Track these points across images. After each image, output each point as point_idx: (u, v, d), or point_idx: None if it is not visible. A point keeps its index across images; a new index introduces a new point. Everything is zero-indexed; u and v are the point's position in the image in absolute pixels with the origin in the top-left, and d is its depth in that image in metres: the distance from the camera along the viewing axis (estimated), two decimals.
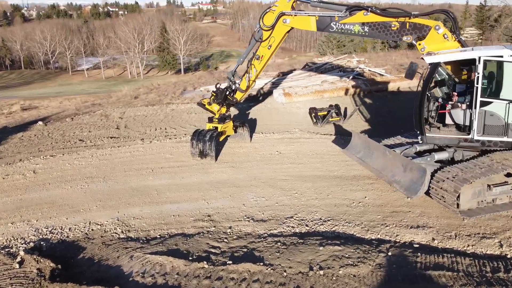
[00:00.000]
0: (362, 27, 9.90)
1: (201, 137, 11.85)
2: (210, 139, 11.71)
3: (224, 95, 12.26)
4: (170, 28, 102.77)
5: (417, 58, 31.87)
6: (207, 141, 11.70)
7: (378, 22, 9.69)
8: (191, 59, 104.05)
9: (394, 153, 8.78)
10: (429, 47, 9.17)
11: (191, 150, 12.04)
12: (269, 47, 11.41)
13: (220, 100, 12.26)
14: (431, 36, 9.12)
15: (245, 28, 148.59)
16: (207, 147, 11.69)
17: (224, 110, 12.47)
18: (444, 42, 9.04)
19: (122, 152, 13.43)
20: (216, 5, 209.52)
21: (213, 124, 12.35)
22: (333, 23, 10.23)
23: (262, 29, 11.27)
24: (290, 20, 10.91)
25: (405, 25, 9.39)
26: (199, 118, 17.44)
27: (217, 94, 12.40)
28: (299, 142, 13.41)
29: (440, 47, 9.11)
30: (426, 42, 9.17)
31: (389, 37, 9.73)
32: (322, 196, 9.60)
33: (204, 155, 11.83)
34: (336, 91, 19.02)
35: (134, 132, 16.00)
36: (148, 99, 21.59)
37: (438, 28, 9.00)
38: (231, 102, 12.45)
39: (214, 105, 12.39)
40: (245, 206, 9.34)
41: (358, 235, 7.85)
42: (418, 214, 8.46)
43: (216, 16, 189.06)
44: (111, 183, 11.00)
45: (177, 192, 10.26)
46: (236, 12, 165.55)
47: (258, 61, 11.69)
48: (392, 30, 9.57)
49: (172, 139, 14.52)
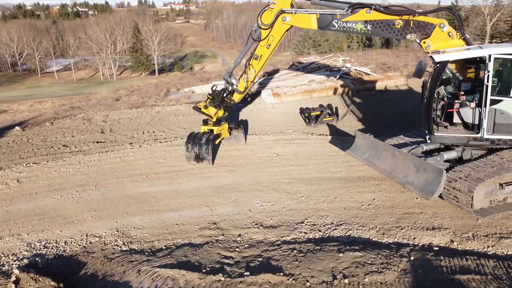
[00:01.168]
0: (365, 25, 9.68)
1: (197, 141, 11.38)
2: (206, 142, 11.26)
3: (221, 98, 11.82)
4: (143, 28, 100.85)
5: (396, 57, 32.34)
6: (203, 145, 11.24)
7: (382, 20, 9.49)
8: (165, 59, 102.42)
9: (404, 154, 8.59)
10: (434, 46, 9.03)
11: (186, 154, 11.56)
12: (268, 47, 11.06)
13: (217, 102, 11.81)
14: (436, 34, 8.98)
15: (218, 28, 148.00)
16: (204, 151, 11.23)
17: (222, 113, 12.04)
18: (448, 40, 8.92)
19: (111, 157, 12.79)
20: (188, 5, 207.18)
21: (208, 127, 11.89)
22: (334, 21, 9.97)
23: (260, 27, 10.91)
24: (290, 18, 10.58)
25: (409, 23, 9.22)
26: (187, 120, 16.94)
27: (213, 97, 11.94)
28: (296, 143, 13.11)
29: (445, 46, 8.98)
30: (431, 40, 9.02)
31: (393, 35, 9.55)
32: (329, 199, 9.32)
33: (200, 159, 11.37)
34: (324, 90, 18.86)
35: (121, 136, 15.33)
36: (131, 101, 20.85)
37: (443, 26, 8.87)
38: (228, 104, 12.04)
39: (210, 108, 11.92)
40: (251, 212, 8.95)
41: (375, 239, 7.60)
42: (431, 215, 8.30)
43: (189, 16, 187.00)
44: (104, 191, 10.39)
45: (177, 199, 9.77)
46: (209, 12, 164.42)
47: (257, 61, 11.32)
48: (396, 28, 9.39)
49: (163, 143, 13.95)
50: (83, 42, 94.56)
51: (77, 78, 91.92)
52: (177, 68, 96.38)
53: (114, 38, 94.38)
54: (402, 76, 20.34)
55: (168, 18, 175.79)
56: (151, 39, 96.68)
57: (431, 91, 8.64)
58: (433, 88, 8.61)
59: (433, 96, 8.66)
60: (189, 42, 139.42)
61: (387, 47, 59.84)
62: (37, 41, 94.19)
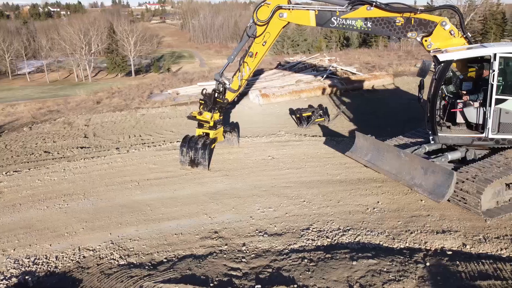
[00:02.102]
0: (365, 23, 9.45)
1: (193, 145, 10.93)
2: (203, 147, 10.82)
3: (213, 99, 11.39)
4: (118, 28, 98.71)
5: (378, 56, 32.54)
6: (199, 149, 10.80)
7: (382, 18, 9.27)
8: (141, 60, 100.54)
9: (410, 155, 8.39)
10: (436, 44, 8.88)
11: (180, 158, 11.09)
12: (263, 44, 10.68)
13: (210, 105, 11.36)
14: (438, 33, 8.83)
15: (195, 29, 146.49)
16: (200, 156, 10.80)
17: (218, 116, 11.60)
18: (450, 39, 8.78)
19: (98, 163, 12.18)
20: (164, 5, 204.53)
21: (204, 130, 11.45)
22: (334, 18, 9.70)
23: (256, 24, 10.52)
24: (287, 15, 10.25)
25: (410, 21, 9.04)
26: (174, 123, 16.43)
27: (205, 102, 11.48)
28: (290, 146, 12.81)
29: (446, 44, 8.84)
30: (433, 38, 8.85)
31: (393, 33, 9.35)
32: (332, 203, 9.04)
33: (196, 163, 10.93)
34: (313, 90, 18.65)
35: (106, 140, 14.70)
36: (113, 104, 20.13)
37: (445, 24, 8.72)
38: (222, 105, 11.58)
39: (205, 114, 11.46)
40: (253, 219, 8.57)
41: (386, 244, 7.36)
42: (439, 218, 8.12)
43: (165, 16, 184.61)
44: (94, 200, 9.82)
45: (173, 207, 9.30)
46: (185, 12, 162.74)
47: (252, 58, 10.93)
48: (397, 26, 9.20)
49: (152, 147, 13.42)
50: (56, 43, 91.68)
51: (50, 80, 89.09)
52: (154, 69, 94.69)
53: (89, 39, 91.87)
54: (389, 75, 20.35)
55: (144, 18, 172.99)
56: (127, 40, 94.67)
57: (435, 91, 8.47)
58: (437, 88, 8.45)
59: (437, 96, 8.49)
60: (166, 42, 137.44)
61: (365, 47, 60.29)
62: (7, 42, 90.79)
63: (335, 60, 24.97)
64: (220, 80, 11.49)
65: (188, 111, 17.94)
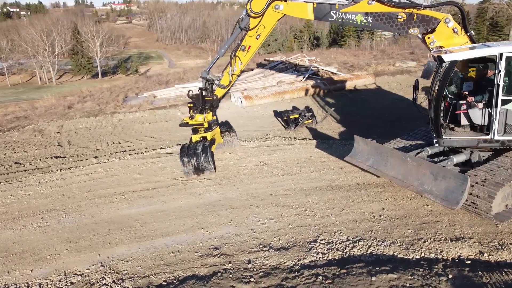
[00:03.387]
0: (366, 18, 9.05)
1: (192, 151, 10.21)
2: (203, 150, 10.13)
3: (202, 98, 10.66)
4: (82, 29, 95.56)
5: (354, 56, 32.55)
6: (200, 154, 10.10)
7: (383, 13, 8.89)
8: (108, 61, 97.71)
9: (417, 160, 8.04)
10: (438, 42, 8.59)
11: (183, 170, 10.34)
12: (257, 37, 10.07)
13: (200, 105, 10.66)
14: (440, 30, 8.54)
15: (163, 29, 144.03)
16: (203, 161, 10.08)
17: (211, 116, 10.89)
18: (453, 37, 8.51)
19: (76, 174, 11.30)
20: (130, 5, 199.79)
21: (200, 135, 10.71)
22: (333, 11, 9.24)
23: (249, 16, 9.89)
24: (284, 7, 9.71)
25: (413, 17, 8.70)
26: (154, 128, 15.63)
27: (194, 104, 10.79)
28: (281, 150, 12.31)
29: (449, 42, 8.57)
30: (436, 36, 8.55)
31: (395, 29, 8.99)
32: (336, 211, 8.60)
33: (201, 170, 10.21)
34: (296, 91, 18.25)
35: (82, 149, 13.76)
36: (86, 109, 19.03)
37: (448, 21, 8.43)
38: (212, 102, 10.82)
39: (197, 116, 10.77)
40: (254, 232, 8.01)
41: (400, 255, 6.97)
42: (449, 224, 7.82)
43: (131, 16, 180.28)
44: (77, 217, 8.99)
45: (166, 221, 8.60)
46: (152, 13, 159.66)
47: (244, 52, 10.29)
48: (398, 22, 8.85)
49: (134, 155, 12.60)
50: (17, 44, 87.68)
51: (11, 83, 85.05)
52: (122, 71, 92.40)
53: (52, 40, 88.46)
54: (370, 75, 20.22)
55: (109, 18, 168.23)
56: (92, 41, 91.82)
57: (439, 92, 8.16)
58: (442, 89, 8.14)
59: (441, 98, 8.19)
60: (133, 43, 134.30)
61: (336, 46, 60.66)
62: None
63: (316, 60, 24.72)
64: (207, 77, 10.79)
65: (168, 115, 17.23)
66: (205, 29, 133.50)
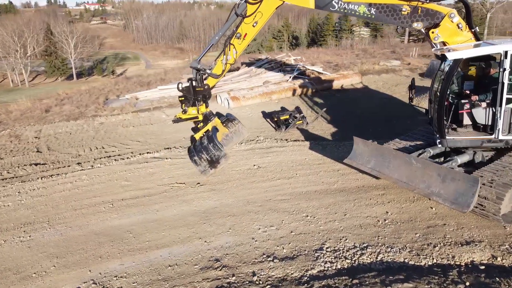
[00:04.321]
0: (369, 9, 8.72)
1: (200, 147, 9.69)
2: (209, 140, 9.61)
3: (192, 90, 10.09)
4: (56, 29, 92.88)
5: (337, 55, 32.48)
6: (208, 145, 9.57)
7: (387, 4, 8.58)
8: (83, 63, 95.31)
9: (423, 161, 7.78)
10: (443, 37, 8.35)
11: (198, 169, 9.79)
12: (254, 25, 9.57)
13: (192, 97, 10.10)
14: (445, 25, 8.30)
15: (139, 29, 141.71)
16: (213, 150, 9.54)
17: (204, 107, 10.34)
18: (457, 33, 8.29)
19: (59, 183, 10.64)
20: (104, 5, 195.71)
21: (201, 131, 10.17)
22: (335, 1, 8.86)
23: (247, 1, 9.40)
24: None
25: (417, 10, 8.43)
26: (139, 131, 14.99)
27: (185, 97, 10.24)
28: (274, 152, 11.93)
29: (453, 38, 8.35)
30: (440, 31, 8.31)
31: (398, 22, 8.70)
32: (339, 216, 8.27)
33: (215, 161, 9.64)
34: (283, 92, 17.91)
35: (64, 155, 13.04)
36: (65, 112, 18.19)
37: (453, 16, 8.20)
38: (204, 92, 10.22)
39: (190, 109, 10.16)
40: (256, 241, 7.59)
41: (412, 262, 6.68)
42: (456, 227, 7.59)
43: (105, 16, 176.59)
44: (63, 229, 8.39)
45: (160, 232, 8.09)
46: (127, 13, 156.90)
47: (239, 40, 9.73)
48: (402, 15, 8.57)
49: (119, 161, 11.99)
50: None
51: None
52: (97, 72, 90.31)
53: (24, 41, 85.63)
54: (357, 75, 20.06)
55: (83, 18, 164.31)
56: (66, 41, 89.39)
57: (443, 92, 7.93)
58: (445, 88, 7.91)
59: (445, 98, 7.96)
60: (108, 44, 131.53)
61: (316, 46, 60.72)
62: None
63: (301, 59, 24.45)
64: (198, 67, 10.20)
65: (152, 118, 16.62)
66: (182, 29, 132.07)
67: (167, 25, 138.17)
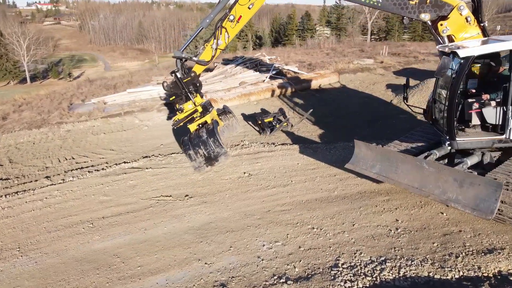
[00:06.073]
0: None
1: (197, 140, 8.83)
2: (210, 134, 8.78)
3: (180, 82, 9.19)
4: (6, 31, 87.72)
5: (307, 54, 32.17)
6: (208, 140, 8.74)
7: None
8: (37, 65, 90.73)
9: (436, 165, 7.30)
10: (451, 30, 7.97)
11: (193, 165, 8.99)
12: (250, 7, 8.81)
13: (183, 92, 9.21)
14: (454, 17, 7.92)
15: (96, 30, 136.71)
16: (213, 146, 8.72)
17: (199, 98, 9.46)
18: (465, 26, 7.93)
19: (28, 201, 9.47)
20: (57, 5, 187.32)
21: (197, 122, 9.28)
22: None
23: None
24: None
25: (425, 1, 8.02)
26: (112, 139, 13.87)
27: (176, 94, 9.36)
28: (263, 158, 11.21)
29: (461, 32, 8.01)
30: (449, 23, 7.93)
31: (405, 12, 8.25)
32: (347, 226, 7.67)
33: (214, 158, 8.91)
34: (262, 93, 17.24)
35: (28, 167, 11.76)
36: (25, 119, 16.65)
37: (462, 9, 7.84)
38: (194, 81, 9.31)
39: (186, 106, 9.30)
40: (263, 260, 6.85)
41: (437, 276, 6.17)
42: (473, 233, 7.18)
43: (59, 17, 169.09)
44: (37, 256, 7.30)
45: (152, 254, 7.19)
46: (83, 13, 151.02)
47: (232, 23, 8.98)
48: (410, 4, 8.14)
49: (94, 173, 10.89)
50: None
51: None
52: (53, 75, 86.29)
53: None
54: (334, 74, 19.71)
55: (35, 19, 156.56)
56: (18, 43, 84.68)
57: (454, 92, 7.50)
58: (456, 88, 7.48)
59: (456, 98, 7.54)
60: (63, 45, 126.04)
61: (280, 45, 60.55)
62: None
63: (276, 59, 23.86)
64: (184, 55, 9.33)
65: (124, 123, 15.51)
66: (141, 30, 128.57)
67: (125, 25, 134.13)
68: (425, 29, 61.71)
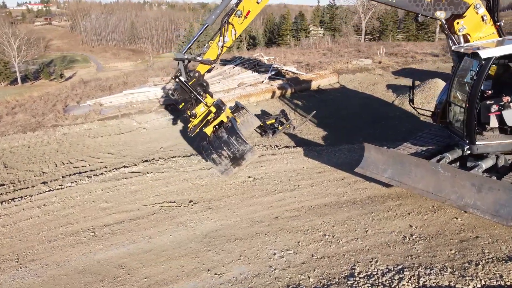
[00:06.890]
0: None
1: (218, 143, 8.52)
2: (231, 133, 8.43)
3: (186, 85, 8.86)
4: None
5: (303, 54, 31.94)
6: (229, 138, 8.43)
7: None
8: (28, 66, 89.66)
9: (452, 169, 7.08)
10: (468, 29, 7.77)
11: (219, 169, 8.72)
12: (259, 1, 8.48)
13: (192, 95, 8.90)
14: (470, 16, 7.72)
15: (87, 30, 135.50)
16: (237, 144, 8.41)
17: (210, 97, 9.15)
18: (481, 25, 7.75)
19: (25, 208, 9.10)
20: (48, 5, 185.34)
21: (214, 124, 8.98)
22: None
23: None
24: None
25: None
26: (110, 142, 13.50)
27: (185, 100, 9.05)
28: (268, 161, 10.94)
29: (476, 31, 7.82)
30: (465, 21, 7.74)
31: (420, 10, 8.03)
32: (359, 233, 7.42)
33: (240, 157, 8.57)
34: (262, 94, 16.96)
35: (24, 172, 11.37)
36: (20, 122, 16.20)
37: (479, 7, 7.65)
38: (200, 81, 9.04)
39: (198, 109, 8.98)
40: (275, 270, 6.58)
41: (459, 285, 5.93)
42: (491, 239, 6.96)
43: (50, 17, 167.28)
44: (38, 268, 6.96)
45: (158, 264, 6.88)
46: (74, 13, 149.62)
47: (239, 18, 8.59)
48: (425, 2, 7.93)
49: (93, 178, 10.54)
50: None
51: None
52: (45, 76, 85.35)
53: None
54: (334, 74, 19.49)
55: (26, 19, 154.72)
56: (9, 44, 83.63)
57: (474, 95, 7.26)
58: (477, 90, 7.25)
59: (476, 100, 7.31)
60: (55, 46, 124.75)
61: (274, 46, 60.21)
62: None
63: (275, 59, 23.60)
64: (186, 56, 8.98)
65: (122, 126, 15.13)
66: (133, 30, 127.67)
67: (117, 25, 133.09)
68: (419, 29, 61.91)
